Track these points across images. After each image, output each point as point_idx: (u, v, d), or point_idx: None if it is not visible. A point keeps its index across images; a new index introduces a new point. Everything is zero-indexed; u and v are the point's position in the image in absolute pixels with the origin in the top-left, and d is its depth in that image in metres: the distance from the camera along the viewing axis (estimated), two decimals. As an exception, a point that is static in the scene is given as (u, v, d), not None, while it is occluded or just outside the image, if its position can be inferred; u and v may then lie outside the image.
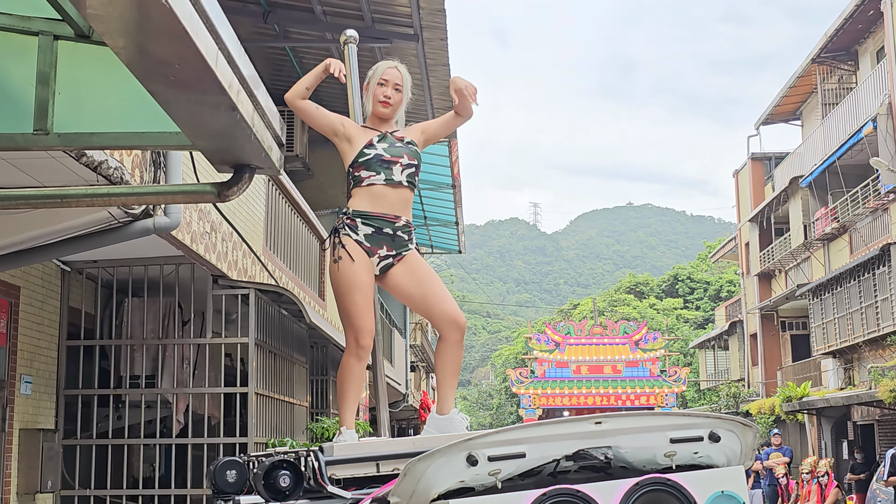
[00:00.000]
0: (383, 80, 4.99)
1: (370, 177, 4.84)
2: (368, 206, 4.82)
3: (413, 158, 4.91)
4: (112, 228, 6.81)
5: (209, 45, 2.49)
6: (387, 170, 4.82)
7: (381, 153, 4.85)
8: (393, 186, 4.82)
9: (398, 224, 4.82)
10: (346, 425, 4.74)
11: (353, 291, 4.76)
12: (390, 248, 4.82)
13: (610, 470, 3.24)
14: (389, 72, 5.02)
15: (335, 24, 12.01)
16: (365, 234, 4.79)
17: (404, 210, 4.87)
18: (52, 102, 3.46)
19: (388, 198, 4.82)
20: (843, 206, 27.42)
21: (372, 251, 4.79)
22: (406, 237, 4.86)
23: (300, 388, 11.79)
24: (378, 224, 4.79)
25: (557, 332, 41.84)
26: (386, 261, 4.83)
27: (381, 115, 5.00)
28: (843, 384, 27.27)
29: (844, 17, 26.47)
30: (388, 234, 4.80)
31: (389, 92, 4.97)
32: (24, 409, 8.37)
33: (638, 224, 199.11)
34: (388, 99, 4.97)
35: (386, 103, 4.96)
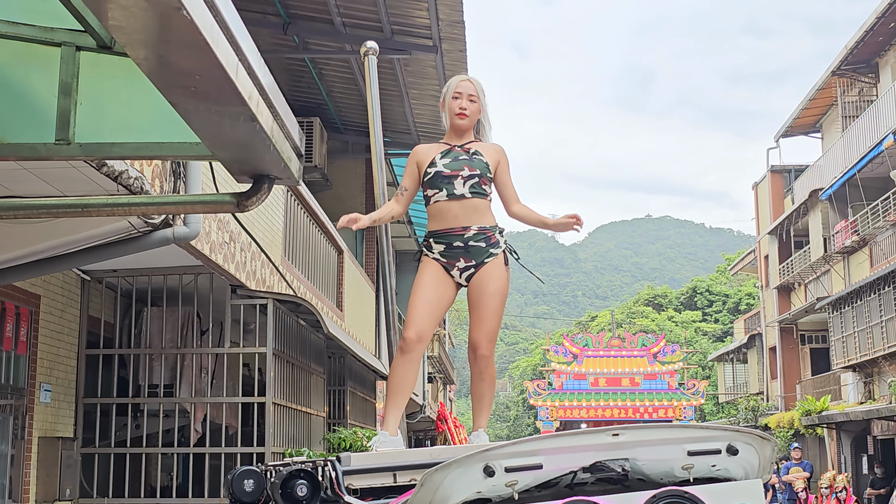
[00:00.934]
0: (457, 93, 5.05)
1: (435, 194, 4.93)
2: (436, 225, 4.92)
3: (475, 169, 4.93)
4: (132, 238, 6.84)
5: (230, 57, 2.50)
6: (448, 184, 4.88)
7: (442, 169, 4.92)
8: (456, 200, 4.88)
9: (468, 235, 4.87)
10: (385, 428, 4.74)
11: (415, 291, 4.89)
12: (468, 259, 4.88)
13: (627, 482, 3.23)
14: (462, 84, 5.08)
15: (354, 35, 12.07)
16: (440, 252, 4.89)
17: (474, 219, 4.90)
18: (73, 113, 3.48)
19: (452, 212, 4.88)
20: (864, 218, 27.28)
21: (450, 265, 4.89)
22: (483, 244, 4.89)
23: (317, 398, 11.80)
24: (447, 240, 4.88)
25: (575, 344, 41.73)
26: (468, 271, 4.90)
27: (459, 128, 5.05)
28: (863, 398, 27.10)
29: (865, 30, 26.38)
30: (460, 247, 4.87)
31: (465, 103, 5.02)
32: (43, 418, 8.41)
33: (657, 236, 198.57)
34: (464, 110, 5.02)
35: (462, 115, 5.02)
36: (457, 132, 5.07)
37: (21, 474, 8.06)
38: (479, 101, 5.07)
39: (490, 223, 4.93)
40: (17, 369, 8.06)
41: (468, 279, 4.92)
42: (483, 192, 4.93)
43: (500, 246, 4.93)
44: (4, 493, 7.89)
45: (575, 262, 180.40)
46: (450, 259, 4.88)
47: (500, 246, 4.93)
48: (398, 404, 4.84)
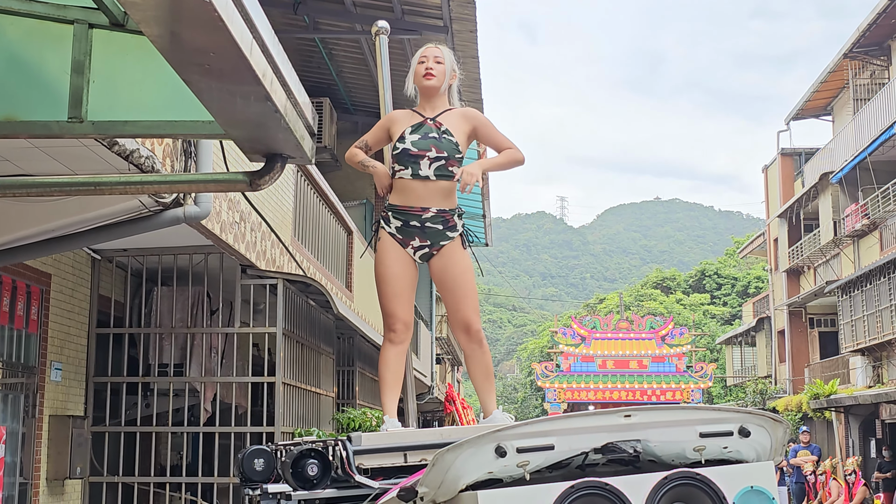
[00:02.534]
0: (423, 57, 4.98)
1: (400, 170, 4.85)
2: (398, 200, 4.85)
3: (442, 151, 4.81)
4: (142, 217, 6.85)
5: (244, 34, 2.49)
6: (414, 164, 4.80)
7: (409, 147, 4.82)
8: (420, 180, 4.80)
9: (425, 216, 4.80)
10: (388, 413, 4.75)
11: (383, 281, 4.88)
12: (423, 240, 4.84)
13: (638, 463, 3.22)
14: (427, 50, 5.01)
15: (365, 15, 12.03)
16: (396, 227, 4.84)
17: (435, 201, 4.82)
18: (86, 91, 3.48)
19: (416, 191, 4.80)
20: (874, 202, 27.18)
21: (405, 243, 4.84)
22: (440, 227, 4.83)
23: (327, 378, 11.83)
24: (404, 217, 4.81)
25: (583, 327, 41.78)
26: (422, 251, 4.87)
27: (428, 90, 4.93)
28: (872, 382, 27.07)
29: (878, 12, 26.21)
30: (415, 227, 4.81)
31: (431, 64, 4.93)
32: (53, 396, 8.45)
33: (665, 219, 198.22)
34: (431, 70, 4.91)
35: (430, 75, 4.91)
36: (427, 97, 4.95)
37: (32, 452, 8.10)
38: (446, 62, 4.96)
39: (451, 205, 4.87)
40: (28, 348, 8.09)
41: (423, 258, 4.89)
42: (449, 175, 4.82)
43: (458, 229, 4.89)
44: (15, 471, 7.93)
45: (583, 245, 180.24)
46: (405, 237, 4.84)
47: (458, 229, 4.89)
48: (396, 394, 4.86)
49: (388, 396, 4.82)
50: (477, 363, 4.95)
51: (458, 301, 4.88)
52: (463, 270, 4.90)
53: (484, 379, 4.98)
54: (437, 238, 4.85)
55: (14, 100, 3.57)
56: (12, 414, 7.92)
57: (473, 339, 4.90)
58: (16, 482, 7.91)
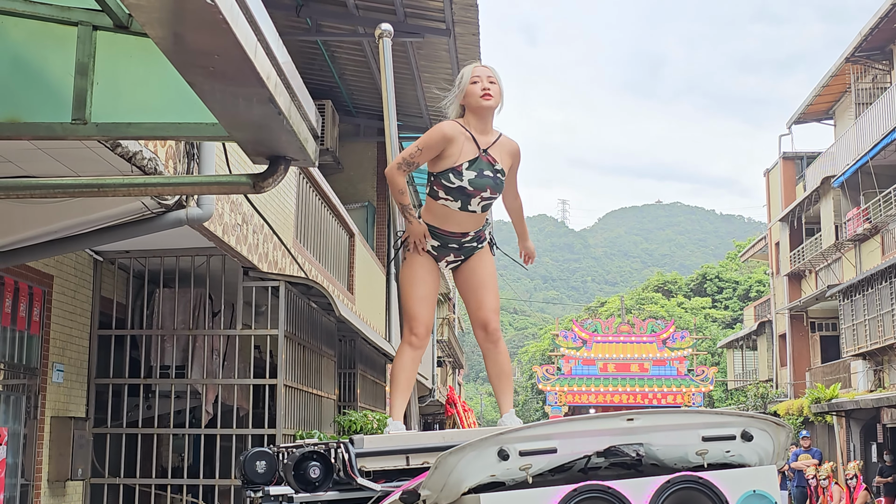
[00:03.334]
0: (475, 76, 4.87)
1: (447, 200, 4.81)
2: (437, 222, 4.86)
3: (495, 192, 4.85)
4: (145, 219, 6.85)
5: (249, 37, 2.49)
6: (465, 200, 4.80)
7: (465, 185, 4.76)
8: (467, 213, 4.85)
9: (465, 239, 4.92)
10: (393, 416, 4.76)
11: (410, 285, 4.90)
12: (457, 256, 4.97)
13: (641, 467, 3.22)
14: (478, 69, 4.92)
15: (367, 18, 12.04)
16: (432, 245, 4.91)
17: (474, 227, 4.92)
18: (90, 92, 3.48)
19: (458, 219, 4.85)
20: (876, 206, 27.17)
21: (439, 258, 4.96)
22: (475, 244, 4.97)
23: (328, 381, 11.83)
24: (443, 240, 4.90)
25: (585, 330, 41.76)
26: (454, 264, 5.02)
27: (484, 110, 4.83)
28: (873, 386, 27.05)
29: (879, 16, 26.21)
30: (454, 248, 4.93)
31: (486, 84, 4.84)
32: (55, 397, 8.45)
33: (667, 222, 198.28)
34: (488, 91, 4.82)
35: (487, 95, 4.82)
36: (481, 116, 4.85)
37: (33, 453, 8.10)
38: (498, 82, 4.91)
39: (481, 227, 4.97)
40: (30, 349, 8.09)
41: (454, 268, 5.03)
42: (489, 208, 4.94)
43: (486, 238, 5.02)
44: (17, 472, 7.93)
45: (585, 248, 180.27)
46: (440, 254, 4.95)
47: (486, 238, 5.02)
48: (406, 398, 4.89)
49: (398, 400, 4.84)
50: (493, 362, 5.02)
51: (481, 300, 4.96)
52: (490, 273, 5.02)
53: (497, 378, 5.01)
54: (471, 252, 4.99)
55: (18, 101, 3.57)
56: (14, 415, 7.92)
57: (490, 337, 4.97)
58: (17, 483, 7.91)
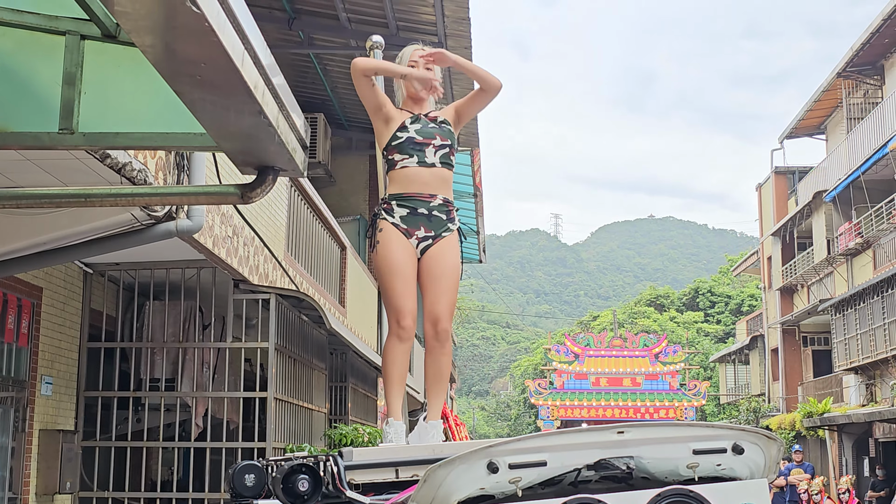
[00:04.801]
0: (412, 62, 4.95)
1: (403, 159, 4.82)
2: (402, 188, 4.81)
3: (446, 138, 4.87)
4: (135, 231, 6.82)
5: (236, 45, 2.47)
6: (419, 152, 4.81)
7: (413, 135, 4.83)
8: (427, 167, 4.81)
9: (433, 203, 4.80)
10: (392, 415, 4.71)
11: (391, 274, 4.76)
12: (428, 229, 4.80)
13: (631, 480, 3.20)
14: (417, 52, 4.99)
15: (360, 31, 12.05)
16: (401, 216, 4.79)
17: (440, 189, 4.84)
18: (77, 102, 3.46)
19: (421, 178, 4.80)
20: (867, 221, 27.24)
21: (410, 233, 4.78)
22: (444, 216, 4.83)
23: (319, 394, 11.79)
24: (412, 204, 4.78)
25: (577, 344, 41.75)
26: (425, 242, 4.81)
27: (415, 95, 4.94)
28: (865, 400, 27.07)
29: (871, 32, 26.33)
30: (423, 214, 4.78)
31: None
32: (44, 410, 8.40)
33: (659, 237, 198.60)
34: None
35: None
36: (416, 100, 4.95)
37: (21, 467, 8.05)
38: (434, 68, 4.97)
39: (451, 197, 4.90)
40: (19, 361, 8.05)
41: (423, 251, 4.82)
42: (451, 164, 4.89)
43: (456, 222, 4.90)
44: (5, 486, 7.88)
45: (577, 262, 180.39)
46: (410, 226, 4.78)
47: (456, 222, 4.90)
48: (401, 393, 4.81)
49: (395, 396, 4.77)
50: (433, 361, 4.86)
51: (438, 295, 4.80)
52: (454, 266, 4.86)
53: (433, 379, 4.88)
54: (441, 228, 4.82)
55: (5, 111, 3.55)
56: (2, 428, 7.87)
57: (439, 336, 4.81)
58: (5, 497, 7.86)
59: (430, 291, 4.82)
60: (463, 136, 14.72)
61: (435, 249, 4.83)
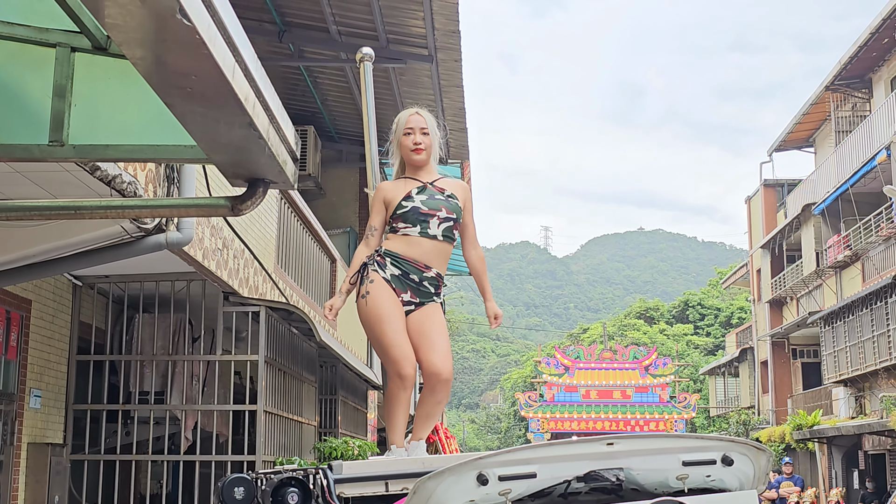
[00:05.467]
0: (408, 129, 4.94)
1: (406, 228, 4.82)
2: (400, 250, 4.81)
3: (452, 212, 4.86)
4: (124, 243, 6.81)
5: (227, 58, 2.48)
6: (423, 222, 4.80)
7: (419, 205, 4.81)
8: (428, 238, 4.81)
9: (426, 274, 4.81)
10: (395, 444, 4.75)
11: (382, 323, 4.76)
12: (414, 296, 4.81)
13: (621, 492, 3.21)
14: (412, 119, 4.97)
15: (350, 44, 12.06)
16: (392, 275, 4.78)
17: (437, 262, 4.84)
18: (67, 114, 3.46)
19: (422, 247, 4.80)
20: (856, 233, 27.34)
21: (396, 293, 4.79)
22: (432, 289, 4.84)
23: (309, 407, 11.76)
24: (406, 268, 4.78)
25: (567, 357, 41.74)
26: (408, 307, 4.81)
27: (416, 163, 4.94)
28: (855, 413, 27.11)
29: (859, 45, 26.48)
30: (413, 281, 4.79)
31: (419, 138, 4.92)
32: (32, 423, 8.36)
33: (649, 249, 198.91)
34: (419, 145, 4.91)
35: (418, 150, 4.91)
36: (414, 168, 4.96)
37: (9, 480, 8.01)
38: (431, 133, 4.96)
39: (444, 271, 4.91)
40: (7, 374, 8.01)
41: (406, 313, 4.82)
42: (452, 237, 4.89)
43: (441, 296, 4.93)
44: (-8, 499, 7.84)
45: (567, 275, 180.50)
46: (397, 287, 4.79)
47: (441, 296, 4.93)
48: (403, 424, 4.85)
49: (399, 430, 4.81)
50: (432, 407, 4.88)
51: (433, 347, 4.80)
52: (439, 323, 4.88)
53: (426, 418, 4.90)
54: (426, 298, 4.84)
55: (-5, 123, 3.55)
56: (-10, 441, 7.83)
57: (442, 386, 4.83)
58: (-8, 511, 7.82)
59: (423, 346, 4.80)
60: (453, 148, 14.74)
61: (418, 314, 4.83)
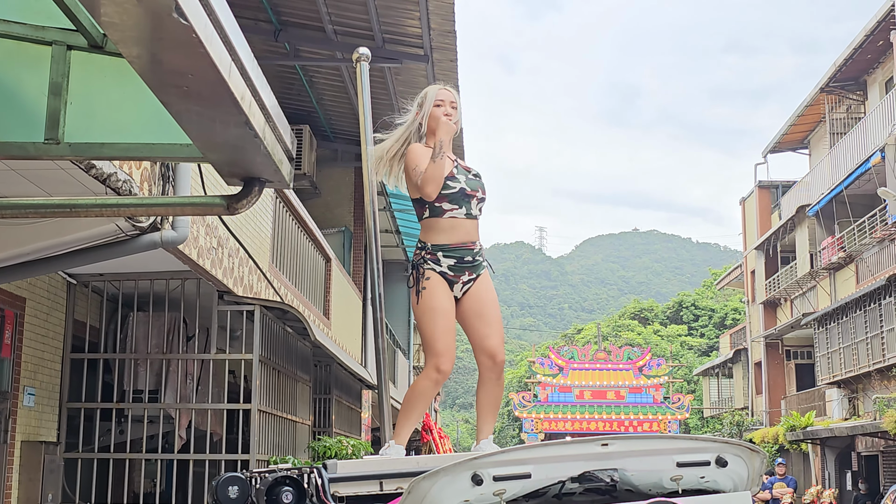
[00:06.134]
0: (439, 101, 5.02)
1: (453, 210, 4.89)
2: (447, 239, 4.88)
3: (485, 192, 5.01)
4: (119, 241, 6.80)
5: (223, 57, 2.48)
6: (467, 203, 4.90)
7: (465, 186, 4.90)
8: (470, 219, 4.91)
9: (475, 250, 4.90)
10: (398, 441, 4.76)
11: (434, 315, 4.82)
12: (471, 273, 4.91)
13: (615, 493, 3.21)
14: (442, 92, 5.06)
15: (346, 43, 12.06)
16: (448, 266, 4.87)
17: (477, 236, 4.97)
18: (63, 112, 3.45)
19: (465, 228, 4.90)
20: (850, 235, 27.38)
21: (456, 279, 4.88)
22: (482, 259, 4.95)
23: (303, 406, 11.75)
24: (458, 255, 4.87)
25: (561, 357, 41.75)
26: (468, 284, 4.91)
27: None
28: (848, 414, 27.15)
29: (854, 48, 26.52)
30: (468, 263, 4.89)
31: (449, 110, 4.99)
32: (26, 422, 8.35)
33: (643, 250, 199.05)
34: (450, 116, 4.97)
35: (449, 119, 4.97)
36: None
37: (3, 478, 7.99)
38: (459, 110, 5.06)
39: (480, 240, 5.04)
40: (1, 372, 8.00)
41: (464, 293, 4.92)
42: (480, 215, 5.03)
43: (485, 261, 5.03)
44: (-15, 498, 7.83)
45: (561, 275, 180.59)
46: (457, 273, 4.87)
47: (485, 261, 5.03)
48: (415, 424, 4.87)
49: (407, 428, 4.83)
50: (489, 392, 4.96)
51: (490, 329, 4.91)
52: (494, 299, 5.00)
53: (487, 406, 4.97)
54: (479, 270, 4.94)
55: (-10, 121, 3.54)
56: (-17, 439, 7.82)
57: (497, 367, 4.92)
58: (-15, 509, 7.81)
59: (479, 327, 4.92)
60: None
61: (474, 288, 4.92)
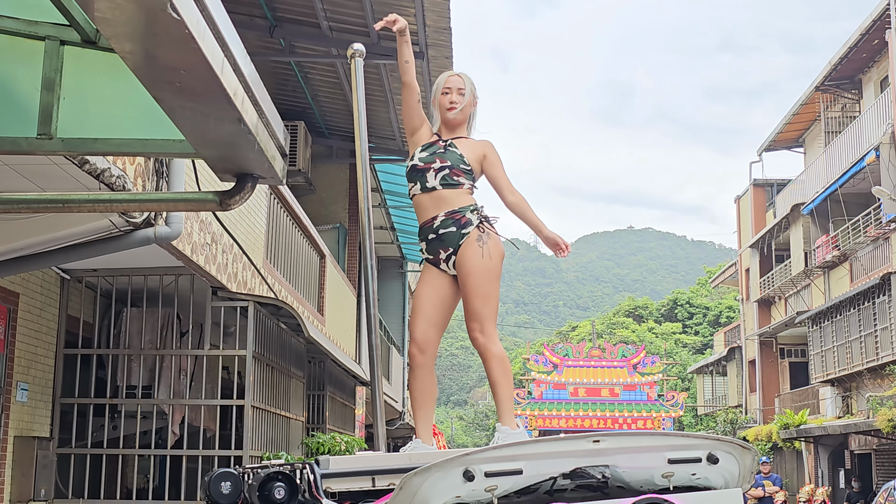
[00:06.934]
0: (446, 88, 5.05)
1: (412, 188, 4.96)
2: (419, 221, 4.94)
3: (446, 160, 4.87)
4: (113, 237, 6.79)
5: (216, 53, 2.48)
6: (421, 178, 4.89)
7: (416, 162, 4.93)
8: (428, 193, 4.87)
9: (436, 224, 4.82)
10: (420, 437, 4.76)
11: (413, 302, 4.96)
12: (445, 248, 4.83)
13: (607, 489, 3.22)
14: (451, 79, 5.09)
15: (341, 39, 12.04)
16: (424, 248, 4.91)
17: (440, 208, 4.82)
18: (56, 107, 3.45)
19: (424, 204, 4.89)
20: (845, 234, 27.41)
21: (437, 260, 4.87)
22: (454, 228, 4.78)
23: (297, 402, 11.75)
24: (424, 234, 4.90)
25: (556, 354, 41.76)
26: (451, 259, 4.83)
27: (450, 122, 5.02)
28: (841, 413, 27.20)
29: (849, 47, 26.54)
30: (434, 239, 4.84)
31: (455, 97, 5.00)
32: (19, 417, 8.34)
33: (638, 248, 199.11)
34: (455, 104, 4.99)
35: (452, 107, 4.99)
36: (448, 127, 5.04)
37: (-5, 474, 7.99)
38: (466, 93, 5.03)
39: (461, 205, 4.82)
40: (-6, 367, 7.99)
41: (454, 265, 4.83)
42: (454, 183, 4.84)
43: (472, 224, 4.80)
44: (-22, 493, 7.82)
45: (556, 272, 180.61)
46: (432, 253, 4.85)
47: (472, 224, 4.80)
48: (426, 415, 4.81)
49: (417, 415, 4.80)
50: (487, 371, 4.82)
51: (467, 307, 4.83)
52: (469, 272, 4.77)
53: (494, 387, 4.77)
54: (456, 240, 4.79)
55: (-17, 115, 3.54)
56: (-24, 435, 7.81)
57: (477, 347, 4.81)
58: (-22, 504, 7.80)
59: (468, 322, 4.87)
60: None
61: (458, 262, 4.83)
